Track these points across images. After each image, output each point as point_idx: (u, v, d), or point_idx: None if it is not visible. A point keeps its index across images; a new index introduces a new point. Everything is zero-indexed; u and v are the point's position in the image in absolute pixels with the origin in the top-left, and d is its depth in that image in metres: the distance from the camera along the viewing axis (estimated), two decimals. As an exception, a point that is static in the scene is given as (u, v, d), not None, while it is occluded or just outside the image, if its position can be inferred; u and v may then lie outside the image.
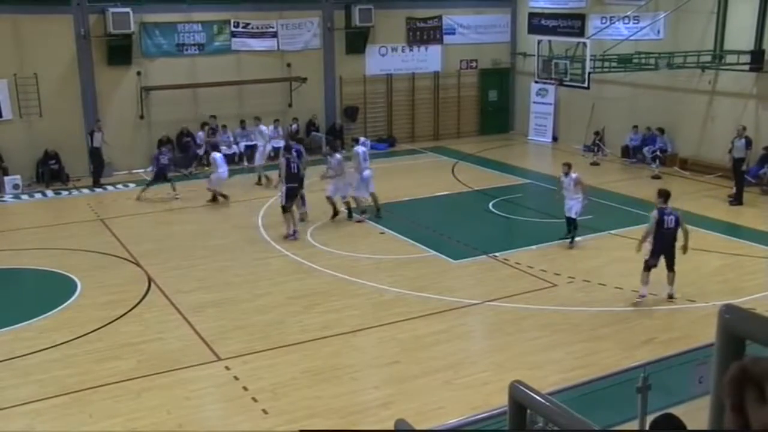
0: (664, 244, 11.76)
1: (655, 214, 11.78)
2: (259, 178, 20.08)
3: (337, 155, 16.47)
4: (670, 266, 11.89)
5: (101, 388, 9.48)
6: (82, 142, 20.88)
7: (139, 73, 21.46)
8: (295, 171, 15.47)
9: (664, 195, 11.91)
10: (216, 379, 9.82)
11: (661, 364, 7.96)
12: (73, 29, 20.57)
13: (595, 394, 7.73)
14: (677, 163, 21.42)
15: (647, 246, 11.91)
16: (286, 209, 15.31)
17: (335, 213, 16.64)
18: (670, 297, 11.99)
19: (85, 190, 20.00)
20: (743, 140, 17.99)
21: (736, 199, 17.83)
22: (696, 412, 5.18)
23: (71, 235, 16.05)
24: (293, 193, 15.43)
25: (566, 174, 14.74)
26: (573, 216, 14.63)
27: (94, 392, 9.40)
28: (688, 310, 11.61)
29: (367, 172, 16.49)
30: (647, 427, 5.31)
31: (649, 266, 11.85)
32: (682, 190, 19.26)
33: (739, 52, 19.46)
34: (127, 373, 9.88)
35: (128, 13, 20.37)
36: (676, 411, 5.23)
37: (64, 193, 19.87)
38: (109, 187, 20.21)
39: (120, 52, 20.98)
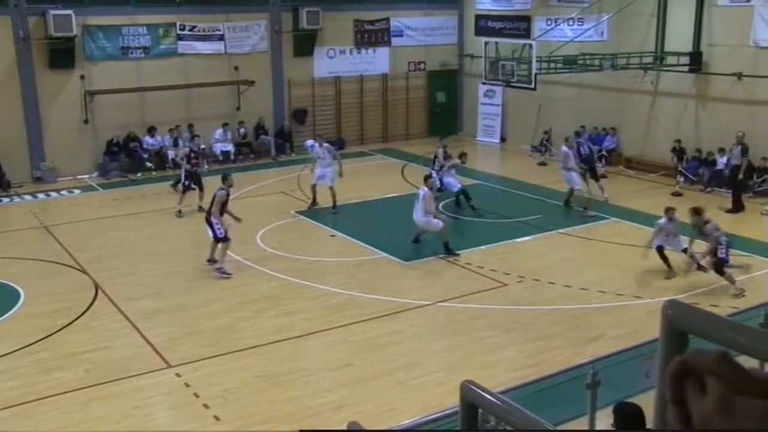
0: None
1: None
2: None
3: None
4: None
5: (46, 400, 9.25)
6: (24, 147, 20.39)
7: (82, 77, 21.01)
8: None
9: None
10: (166, 387, 9.67)
11: (609, 360, 8.09)
12: (11, 32, 20.05)
13: (546, 392, 7.83)
14: (622, 162, 21.86)
15: None
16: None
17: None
18: None
19: (28, 197, 19.52)
20: (740, 147, 17.64)
21: (735, 208, 17.09)
22: (644, 407, 5.28)
23: (13, 243, 15.63)
24: None
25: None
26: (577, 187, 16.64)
27: (38, 404, 9.16)
28: (635, 307, 11.84)
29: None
30: (612, 414, 5.43)
31: None
32: (627, 188, 19.69)
33: (679, 54, 19.95)
34: (74, 383, 9.65)
35: (70, 15, 19.92)
36: (624, 406, 5.34)
37: (5, 200, 19.36)
38: (53, 194, 19.75)
39: (62, 55, 20.51)
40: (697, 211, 12.53)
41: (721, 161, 19.08)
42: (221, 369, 10.04)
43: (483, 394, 2.41)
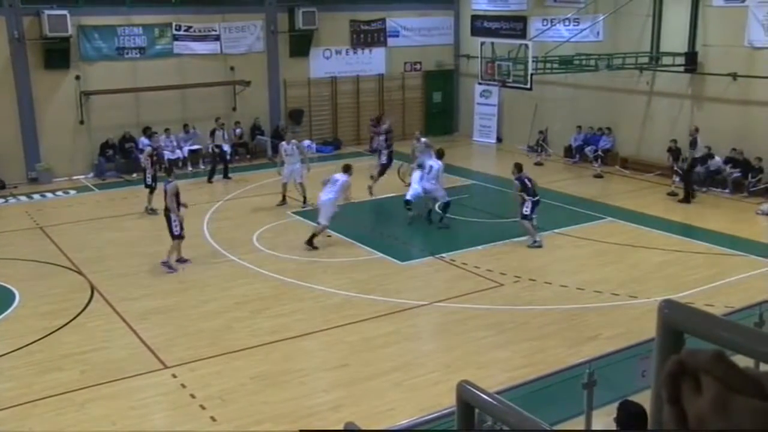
0: None
1: None
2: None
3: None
4: None
5: (42, 401, 9.23)
6: (19, 148, 20.36)
7: (78, 78, 20.97)
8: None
9: None
10: (163, 388, 9.66)
11: (605, 360, 8.11)
12: (6, 32, 19.99)
13: (542, 392, 7.84)
14: (618, 162, 21.89)
15: None
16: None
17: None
18: None
19: (23, 198, 19.48)
20: (690, 140, 18.33)
21: (686, 197, 18.05)
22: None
23: (9, 243, 15.59)
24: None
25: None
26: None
27: (34, 406, 9.14)
28: (631, 306, 11.85)
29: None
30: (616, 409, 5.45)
31: None
32: (623, 188, 19.73)
33: (674, 54, 19.99)
34: (70, 384, 9.64)
35: (65, 15, 19.87)
36: (620, 405, 5.35)
37: (1, 201, 19.31)
38: (49, 195, 19.71)
39: (57, 55, 20.45)
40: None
41: (716, 161, 19.17)
42: (218, 370, 10.03)
43: (479, 393, 2.42)
